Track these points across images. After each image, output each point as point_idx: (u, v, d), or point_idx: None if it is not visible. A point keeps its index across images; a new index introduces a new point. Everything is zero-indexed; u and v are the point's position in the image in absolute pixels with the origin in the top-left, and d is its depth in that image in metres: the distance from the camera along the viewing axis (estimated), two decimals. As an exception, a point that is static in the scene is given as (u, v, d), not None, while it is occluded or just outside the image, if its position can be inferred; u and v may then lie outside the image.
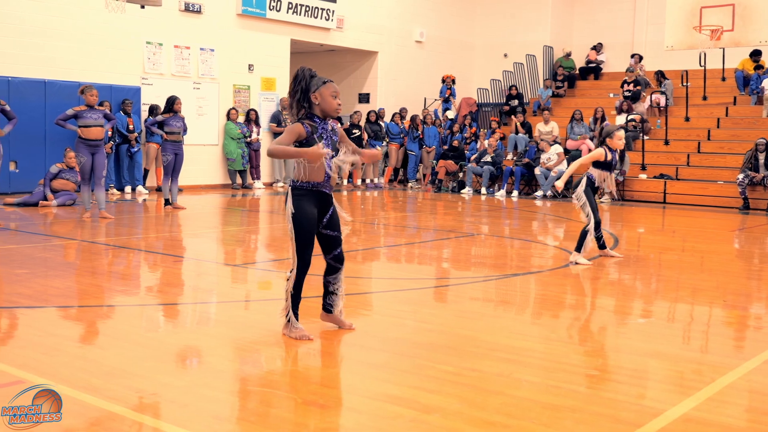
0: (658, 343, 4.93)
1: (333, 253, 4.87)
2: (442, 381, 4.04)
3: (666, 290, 7.15)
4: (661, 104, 18.80)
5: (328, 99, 4.68)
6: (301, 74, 4.68)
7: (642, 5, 22.17)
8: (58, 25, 14.74)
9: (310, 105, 4.68)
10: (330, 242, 4.84)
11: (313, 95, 4.66)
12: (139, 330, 5.13)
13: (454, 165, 18.80)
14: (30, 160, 14.17)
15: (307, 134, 4.61)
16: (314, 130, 4.64)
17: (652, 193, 16.44)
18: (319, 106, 4.68)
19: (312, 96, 4.66)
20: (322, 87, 4.67)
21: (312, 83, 4.67)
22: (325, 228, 4.79)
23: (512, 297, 6.70)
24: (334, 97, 4.69)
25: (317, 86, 4.67)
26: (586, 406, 3.71)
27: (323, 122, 4.70)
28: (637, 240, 11.12)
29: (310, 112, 4.69)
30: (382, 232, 11.15)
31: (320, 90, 4.67)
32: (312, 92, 4.67)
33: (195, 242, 9.88)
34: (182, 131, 12.56)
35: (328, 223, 4.80)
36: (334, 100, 4.70)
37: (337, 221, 4.85)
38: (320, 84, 4.68)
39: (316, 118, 4.69)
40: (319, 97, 4.67)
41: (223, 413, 3.60)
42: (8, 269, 7.17)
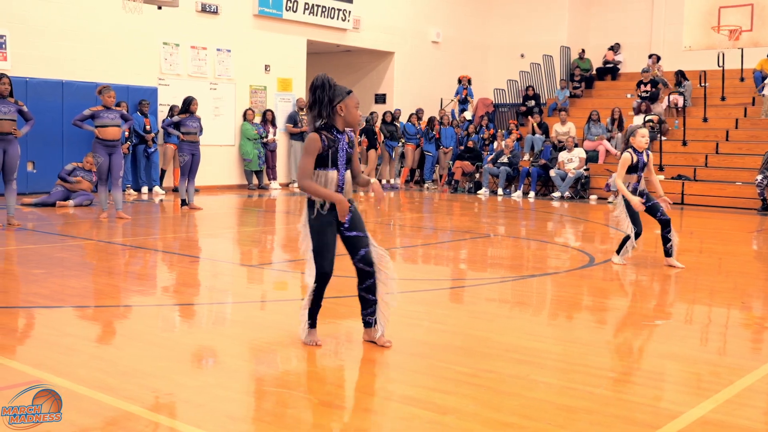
0: (675, 345, 4.90)
1: (359, 254, 4.59)
2: (457, 382, 4.02)
3: (683, 292, 7.10)
4: (679, 105, 18.69)
5: (352, 111, 4.52)
6: (327, 83, 4.47)
7: (659, 5, 22.03)
8: (75, 26, 14.83)
9: (332, 115, 4.49)
10: (355, 243, 4.59)
11: (338, 106, 4.48)
12: (155, 330, 5.15)
13: (471, 166, 18.76)
14: (47, 160, 14.25)
15: (323, 148, 4.44)
16: (331, 144, 4.46)
17: (670, 193, 16.25)
18: (343, 118, 4.51)
19: (337, 107, 4.48)
20: (347, 98, 4.50)
21: (336, 93, 4.48)
22: (348, 230, 4.58)
23: (528, 298, 6.68)
24: (357, 108, 4.56)
25: (342, 97, 4.49)
26: (603, 407, 3.69)
27: (341, 135, 4.52)
28: (655, 241, 11.05)
29: (329, 123, 4.51)
30: (398, 233, 11.14)
31: (345, 101, 4.49)
32: (337, 103, 4.48)
33: (211, 242, 9.91)
34: (198, 131, 12.59)
35: (351, 224, 4.58)
36: (357, 112, 4.57)
37: (360, 221, 4.63)
38: (345, 95, 4.50)
39: (335, 130, 4.50)
40: (345, 109, 4.50)
41: (239, 413, 3.61)
42: (25, 269, 7.21)
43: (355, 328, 5.25)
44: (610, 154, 17.81)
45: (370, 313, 4.69)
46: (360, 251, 4.59)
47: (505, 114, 21.97)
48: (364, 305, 4.70)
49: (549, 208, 14.85)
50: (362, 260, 4.60)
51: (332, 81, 4.52)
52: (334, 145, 4.48)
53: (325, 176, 4.47)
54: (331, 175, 4.48)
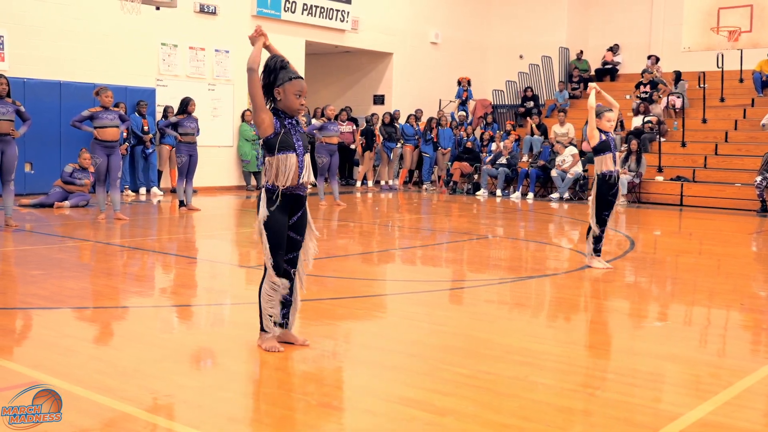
0: (674, 347, 4.89)
1: (289, 255, 4.49)
2: (456, 383, 4.01)
3: (682, 293, 7.09)
4: (677, 106, 18.70)
5: (290, 97, 4.34)
6: (272, 64, 4.38)
7: (659, 6, 22.04)
8: (73, 26, 14.81)
9: (273, 99, 4.38)
10: (291, 244, 4.49)
11: (276, 89, 4.35)
12: (154, 331, 5.14)
13: (469, 167, 18.76)
14: (45, 161, 14.24)
15: (276, 129, 4.33)
16: (283, 126, 4.36)
17: (669, 195, 16.34)
18: (281, 103, 4.37)
19: (275, 90, 4.36)
20: (287, 83, 4.33)
21: (279, 76, 4.35)
22: (290, 229, 4.48)
23: (527, 300, 6.67)
24: (297, 96, 4.34)
25: (282, 81, 4.34)
26: (602, 409, 3.68)
27: (289, 119, 4.40)
28: (654, 243, 11.06)
29: (274, 107, 4.40)
30: (396, 234, 11.14)
31: (284, 86, 4.33)
32: (276, 86, 4.35)
33: (209, 244, 9.90)
34: (196, 132, 12.58)
35: (295, 225, 4.50)
36: (297, 99, 4.35)
37: (304, 225, 4.54)
38: (286, 79, 4.34)
39: (281, 113, 4.39)
40: (282, 93, 4.35)
41: (238, 415, 3.60)
42: (24, 270, 7.20)
43: (353, 330, 5.25)
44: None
45: (285, 314, 4.58)
46: (291, 253, 4.51)
47: (504, 115, 21.97)
48: (281, 306, 4.55)
49: (548, 210, 14.84)
50: (289, 262, 4.51)
51: (281, 63, 4.40)
52: (284, 129, 4.35)
53: (286, 159, 4.33)
54: (291, 158, 4.35)
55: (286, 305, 4.59)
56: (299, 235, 4.53)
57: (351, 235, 10.82)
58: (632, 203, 16.12)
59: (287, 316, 4.61)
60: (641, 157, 16.39)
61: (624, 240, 10.23)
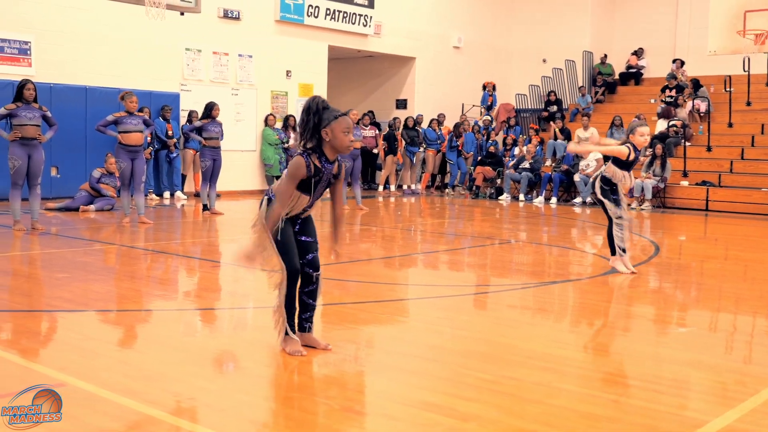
0: (699, 353, 4.84)
1: (306, 257, 4.49)
2: (479, 389, 4.00)
3: (708, 299, 7.02)
4: (701, 110, 18.55)
5: (339, 136, 4.29)
6: (314, 106, 4.31)
7: (684, 10, 21.87)
8: (98, 32, 14.94)
9: (320, 140, 4.33)
10: (305, 247, 4.50)
11: (323, 131, 4.30)
12: (177, 334, 5.16)
13: (492, 171, 18.71)
14: (71, 165, 14.37)
15: (308, 175, 4.31)
16: (317, 172, 4.33)
17: (694, 200, 16.21)
18: (330, 143, 4.32)
19: (322, 132, 4.31)
20: (334, 122, 4.28)
21: (324, 116, 4.30)
22: (299, 234, 4.51)
23: (550, 305, 6.64)
24: (346, 134, 4.30)
25: (329, 121, 4.29)
26: (625, 416, 3.65)
27: (330, 164, 4.38)
28: (679, 248, 10.97)
29: (318, 148, 4.35)
30: (419, 239, 11.13)
31: (332, 125, 4.28)
32: (323, 127, 4.30)
33: (232, 247, 9.94)
34: (220, 137, 12.64)
35: (302, 229, 4.51)
36: (346, 137, 4.31)
37: (312, 228, 4.55)
38: (332, 119, 4.29)
39: (324, 157, 4.35)
40: (330, 134, 4.29)
41: (260, 418, 3.61)
42: (49, 273, 7.27)
43: (376, 334, 5.25)
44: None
45: (308, 318, 4.61)
46: (308, 255, 4.51)
47: (527, 119, 21.90)
48: (304, 309, 4.60)
49: (571, 214, 14.77)
50: (309, 264, 4.51)
51: (323, 104, 4.34)
52: (318, 175, 4.35)
53: (298, 198, 4.39)
54: (303, 199, 4.41)
55: (309, 309, 4.61)
56: (310, 237, 4.55)
57: (373, 239, 10.82)
58: (657, 208, 16.00)
59: (310, 320, 4.63)
60: (666, 162, 16.26)
61: (649, 245, 10.15)
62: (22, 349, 4.62)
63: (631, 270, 7.58)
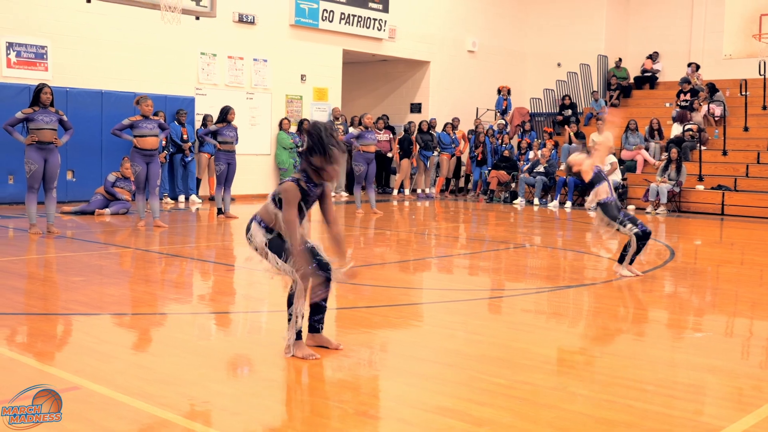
0: (715, 358, 4.81)
1: (315, 260, 4.51)
2: (493, 393, 3.99)
3: (724, 304, 6.98)
4: (716, 114, 18.45)
5: (337, 171, 4.50)
6: (327, 139, 4.36)
7: (699, 13, 21.79)
8: (114, 36, 15.04)
9: (319, 168, 4.43)
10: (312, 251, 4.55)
11: (328, 168, 4.44)
12: (192, 338, 5.17)
13: (507, 175, 18.68)
14: (87, 169, 14.46)
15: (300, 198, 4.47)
16: (305, 194, 4.47)
17: (710, 204, 16.12)
18: (326, 173, 4.46)
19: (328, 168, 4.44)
20: (340, 160, 4.44)
21: (333, 156, 4.38)
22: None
23: (565, 309, 6.61)
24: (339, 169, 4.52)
25: (336, 160, 4.41)
26: (641, 421, 3.63)
27: (316, 187, 4.51)
28: (694, 252, 10.91)
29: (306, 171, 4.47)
30: (433, 243, 11.11)
31: (337, 165, 4.45)
32: (329, 164, 4.41)
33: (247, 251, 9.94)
34: (235, 141, 12.68)
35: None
36: (338, 173, 4.54)
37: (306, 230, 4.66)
38: (339, 158, 4.42)
39: (312, 183, 4.48)
40: (333, 171, 4.47)
41: (274, 422, 3.61)
42: (65, 276, 7.30)
43: (390, 338, 5.24)
44: (648, 163, 17.64)
45: (319, 319, 4.69)
46: (317, 257, 4.54)
47: (542, 123, 21.85)
48: (315, 311, 4.66)
49: (586, 218, 14.72)
50: (320, 266, 4.51)
51: (335, 135, 4.42)
52: (306, 196, 4.49)
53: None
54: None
55: (321, 311, 4.66)
56: (309, 243, 4.60)
57: (388, 243, 10.82)
58: (672, 212, 15.93)
59: (322, 321, 4.70)
60: (681, 166, 16.19)
61: (664, 249, 10.10)
62: (37, 352, 4.65)
63: (637, 273, 7.62)
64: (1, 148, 13.28)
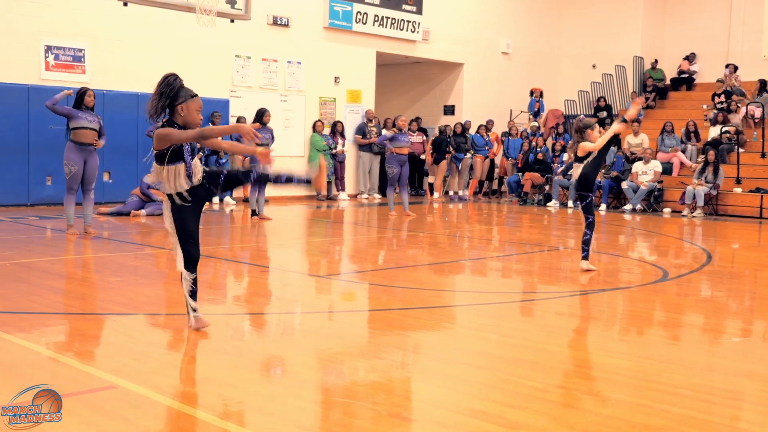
0: (753, 363, 4.74)
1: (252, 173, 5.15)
2: (528, 397, 3.96)
3: (762, 308, 6.88)
4: (756, 116, 18.19)
5: (193, 113, 4.85)
6: (173, 81, 4.79)
7: (738, 14, 21.48)
8: (150, 39, 15.19)
9: (172, 114, 4.81)
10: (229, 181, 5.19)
11: (179, 106, 4.81)
12: (226, 339, 5.21)
13: (540, 178, 18.58)
14: (123, 170, 14.62)
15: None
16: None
17: (748, 207, 15.89)
18: (183, 118, 4.82)
19: (178, 107, 4.81)
20: (190, 101, 4.84)
21: (180, 94, 4.81)
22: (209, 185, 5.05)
23: (600, 313, 6.56)
24: (198, 112, 4.88)
25: (185, 98, 4.82)
26: (678, 426, 3.59)
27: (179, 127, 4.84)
28: (732, 256, 10.76)
29: (171, 120, 4.82)
30: (466, 245, 11.08)
31: (187, 103, 4.83)
32: (178, 103, 4.80)
33: (280, 253, 10.00)
34: (270, 143, 12.75)
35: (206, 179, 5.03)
36: (198, 115, 4.87)
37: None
38: (188, 97, 4.83)
39: (177, 126, 4.81)
40: (185, 110, 4.82)
41: (308, 423, 3.62)
42: (102, 277, 7.39)
43: (423, 340, 5.24)
44: (684, 166, 17.44)
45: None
46: (252, 172, 5.16)
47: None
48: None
49: (621, 221, 14.59)
50: (258, 177, 5.15)
51: (178, 82, 4.81)
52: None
53: (175, 169, 4.85)
54: (179, 168, 4.86)
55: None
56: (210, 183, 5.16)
57: (420, 245, 10.81)
58: (709, 215, 15.73)
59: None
60: (719, 169, 15.98)
61: (701, 253, 9.98)
62: (76, 351, 4.71)
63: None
64: (39, 149, 13.47)
